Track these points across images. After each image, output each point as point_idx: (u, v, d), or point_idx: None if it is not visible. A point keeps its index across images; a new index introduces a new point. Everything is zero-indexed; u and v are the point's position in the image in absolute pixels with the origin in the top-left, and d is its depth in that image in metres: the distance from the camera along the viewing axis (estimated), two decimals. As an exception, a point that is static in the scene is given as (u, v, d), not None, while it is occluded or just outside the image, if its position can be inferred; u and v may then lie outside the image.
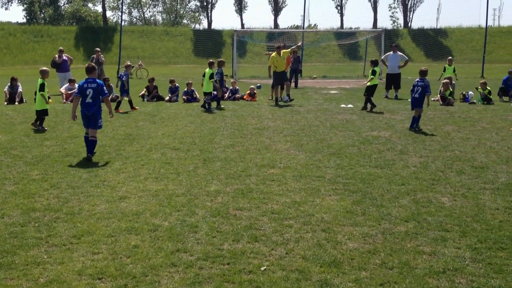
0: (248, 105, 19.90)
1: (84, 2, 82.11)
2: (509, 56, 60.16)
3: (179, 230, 6.64)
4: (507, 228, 6.74)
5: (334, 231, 6.67)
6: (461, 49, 63.16)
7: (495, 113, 17.52)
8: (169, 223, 6.92)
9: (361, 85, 23.86)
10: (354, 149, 11.64)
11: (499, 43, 65.07)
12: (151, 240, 6.34)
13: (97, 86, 10.73)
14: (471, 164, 10.27)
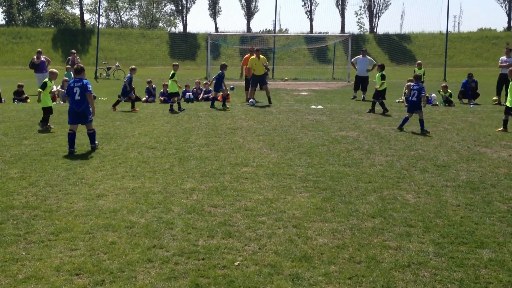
0: (222, 106, 19.82)
1: (62, 5, 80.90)
2: (469, 61, 61.14)
3: (155, 227, 6.57)
4: (468, 224, 6.83)
5: (305, 227, 6.67)
6: (424, 54, 63.88)
7: (455, 115, 17.78)
8: (146, 220, 6.85)
9: (331, 88, 23.95)
10: (323, 149, 11.67)
11: (459, 48, 66.07)
12: (128, 236, 6.25)
13: (82, 85, 11.18)
14: (434, 162, 10.38)
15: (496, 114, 17.78)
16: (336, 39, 46.03)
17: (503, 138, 13.18)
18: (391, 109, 19.41)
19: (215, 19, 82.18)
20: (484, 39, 69.67)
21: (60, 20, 77.52)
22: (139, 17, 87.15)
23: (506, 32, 75.40)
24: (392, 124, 15.37)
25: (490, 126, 15.15)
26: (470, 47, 66.07)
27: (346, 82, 34.78)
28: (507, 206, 7.63)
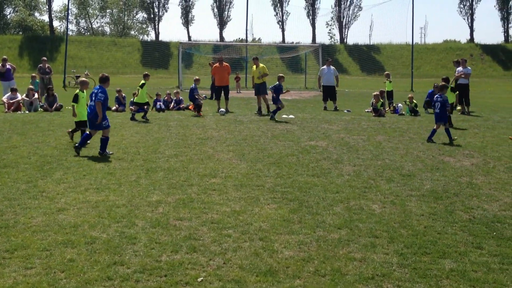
0: (193, 115, 19.66)
1: (31, 11, 79.62)
2: (434, 71, 62.06)
3: (117, 242, 6.35)
4: (431, 234, 6.80)
5: (271, 240, 6.55)
6: (392, 64, 64.67)
7: (421, 124, 17.91)
8: (108, 235, 6.62)
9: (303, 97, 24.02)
10: (293, 159, 11.59)
11: (425, 59, 67.13)
12: (88, 253, 6.02)
13: (96, 92, 11.83)
14: (400, 172, 10.38)
15: (460, 123, 17.96)
16: (307, 49, 46.30)
17: (466, 147, 13.28)
18: (360, 118, 19.51)
19: (187, 28, 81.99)
20: (449, 50, 70.99)
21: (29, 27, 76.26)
22: (110, 25, 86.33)
23: (469, 44, 76.93)
24: (360, 134, 15.39)
25: (454, 135, 15.26)
26: (435, 58, 67.20)
27: (318, 91, 34.85)
28: (469, 215, 7.64)
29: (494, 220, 7.40)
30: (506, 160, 11.71)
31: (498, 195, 8.78)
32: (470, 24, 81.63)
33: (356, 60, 67.60)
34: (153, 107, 21.38)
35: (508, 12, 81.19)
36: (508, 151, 12.80)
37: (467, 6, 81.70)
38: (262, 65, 21.69)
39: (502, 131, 16.33)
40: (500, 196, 8.72)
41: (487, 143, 13.93)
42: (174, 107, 21.95)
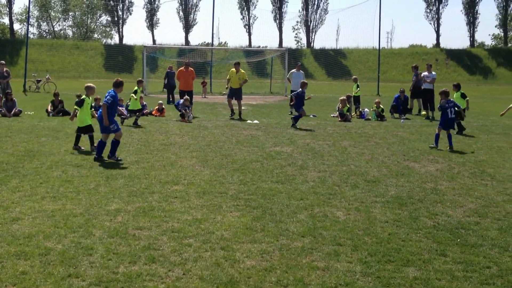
0: (156, 121, 19.44)
1: (-10, 13, 77.90)
2: (401, 76, 62.98)
3: (72, 253, 6.16)
4: (395, 241, 6.80)
5: (233, 249, 6.45)
6: (359, 69, 65.38)
7: (387, 129, 18.08)
8: (63, 245, 6.41)
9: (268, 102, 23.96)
10: (257, 165, 11.53)
11: (392, 64, 68.07)
12: (42, 265, 5.81)
13: (106, 95, 11.95)
14: (365, 178, 10.41)
15: (425, 129, 18.20)
16: (274, 53, 46.43)
17: (431, 152, 13.44)
18: (326, 123, 19.59)
19: (152, 31, 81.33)
20: (415, 55, 72.13)
21: (-13, 29, 74.64)
22: (73, 28, 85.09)
23: (435, 49, 78.37)
24: (326, 139, 15.43)
25: (419, 140, 15.46)
26: (401, 63, 68.18)
27: (283, 96, 34.97)
28: (433, 221, 7.69)
29: (458, 227, 7.46)
30: (471, 165, 11.87)
31: (462, 201, 8.87)
32: (437, 29, 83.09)
33: (322, 65, 68.10)
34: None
35: (474, 17, 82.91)
36: (472, 156, 13.01)
37: (434, 11, 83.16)
38: (243, 71, 21.97)
39: (466, 136, 16.60)
40: (465, 202, 8.81)
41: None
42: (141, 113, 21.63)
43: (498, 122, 20.56)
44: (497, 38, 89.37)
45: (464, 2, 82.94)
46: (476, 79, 66.97)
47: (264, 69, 53.95)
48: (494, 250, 6.55)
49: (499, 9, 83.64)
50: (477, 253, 6.43)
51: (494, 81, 64.78)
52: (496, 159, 12.68)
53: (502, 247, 6.67)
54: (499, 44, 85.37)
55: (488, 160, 12.51)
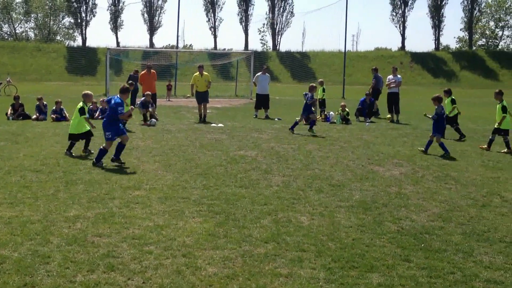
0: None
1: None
2: (366, 79, 63.48)
3: (29, 262, 5.98)
4: (359, 246, 6.81)
5: (195, 256, 6.36)
6: (324, 72, 65.84)
7: (352, 133, 18.20)
8: (19, 254, 6.22)
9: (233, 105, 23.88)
10: (221, 169, 11.45)
11: (357, 67, 68.76)
12: (-5, 275, 5.65)
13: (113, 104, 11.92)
14: (329, 182, 10.43)
15: (389, 132, 18.40)
16: (240, 56, 46.41)
17: (395, 156, 13.57)
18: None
19: (116, 34, 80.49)
20: (380, 58, 73.09)
21: None
22: (35, 30, 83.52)
23: (400, 52, 79.59)
24: (291, 143, 15.45)
25: (384, 144, 15.60)
26: (367, 66, 68.76)
27: (248, 99, 34.97)
28: (397, 226, 7.73)
29: (423, 231, 7.49)
30: (435, 169, 12.01)
31: (426, 205, 8.94)
32: (402, 32, 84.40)
33: (288, 68, 68.42)
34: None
35: (439, 20, 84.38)
36: (436, 159, 13.17)
37: (400, 14, 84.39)
38: (206, 74, 22.06)
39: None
40: (429, 206, 8.88)
41: (416, 151, 14.29)
42: (99, 116, 21.30)
43: (461, 126, 20.87)
44: (462, 41, 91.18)
45: (430, 5, 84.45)
46: (440, 82, 68.15)
47: (230, 72, 53.90)
48: (458, 256, 6.59)
49: (465, 12, 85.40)
50: (441, 259, 6.47)
51: (457, 84, 66.05)
52: (460, 163, 12.87)
53: (466, 252, 6.72)
54: (464, 47, 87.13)
55: (452, 164, 12.68)
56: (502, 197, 9.56)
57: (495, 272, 6.11)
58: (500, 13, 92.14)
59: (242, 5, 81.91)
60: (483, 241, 7.16)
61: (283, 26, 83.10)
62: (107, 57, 36.50)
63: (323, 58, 71.99)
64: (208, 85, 21.71)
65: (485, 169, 12.18)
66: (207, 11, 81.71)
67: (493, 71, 72.66)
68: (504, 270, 6.17)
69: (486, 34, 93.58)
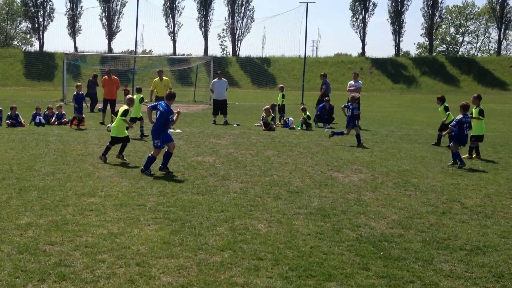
0: (75, 130, 18.79)
1: None
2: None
3: (-25, 273, 5.80)
4: (317, 254, 6.79)
5: (149, 264, 6.26)
6: (284, 77, 66.18)
7: (311, 139, 18.30)
8: (-35, 265, 6.03)
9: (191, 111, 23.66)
10: (178, 175, 11.34)
11: (317, 72, 69.03)
12: None
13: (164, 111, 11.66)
14: (288, 188, 10.43)
15: (348, 138, 18.53)
16: (199, 61, 46.23)
17: (354, 162, 13.68)
18: (250, 132, 19.64)
19: (74, 38, 79.07)
20: (340, 63, 73.97)
21: None
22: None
23: (360, 57, 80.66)
24: (249, 149, 15.43)
25: (343, 150, 15.73)
26: (327, 71, 69.30)
27: (207, 105, 34.83)
28: (356, 233, 7.74)
29: (382, 239, 7.47)
30: (394, 175, 12.10)
31: (385, 212, 8.96)
32: (362, 38, 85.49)
33: (248, 73, 68.52)
34: (31, 121, 20.33)
35: (400, 26, 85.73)
36: (396, 165, 13.28)
37: (360, 19, 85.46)
38: (166, 78, 22.22)
39: (390, 145, 17.04)
40: (388, 213, 8.89)
41: (375, 157, 14.42)
42: (55, 122, 20.89)
43: (421, 132, 21.30)
44: (422, 47, 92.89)
45: (390, 11, 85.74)
46: (400, 88, 69.36)
47: (189, 77, 53.61)
48: (417, 264, 6.56)
49: (425, 18, 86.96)
50: (401, 267, 6.43)
51: (417, 90, 67.32)
52: (420, 169, 12.99)
53: (426, 260, 6.69)
54: (424, 53, 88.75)
55: (411, 170, 12.78)
56: (462, 204, 9.62)
57: (455, 281, 6.08)
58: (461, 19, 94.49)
59: (202, 10, 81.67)
60: (443, 249, 7.13)
61: (243, 31, 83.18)
62: (64, 62, 35.82)
63: (283, 64, 72.37)
64: (169, 89, 21.47)
65: (444, 175, 12.31)
66: (166, 16, 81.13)
67: (454, 77, 74.19)
68: (465, 278, 6.14)
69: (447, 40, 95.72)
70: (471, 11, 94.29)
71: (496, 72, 74.62)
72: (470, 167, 13.44)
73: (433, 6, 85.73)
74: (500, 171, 13.01)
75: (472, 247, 7.24)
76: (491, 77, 73.16)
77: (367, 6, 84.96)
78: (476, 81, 72.11)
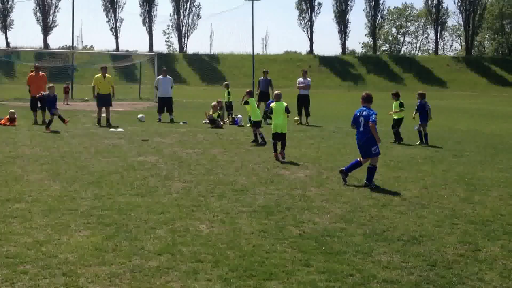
0: (4, 131, 17.99)
1: None
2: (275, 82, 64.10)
3: None
4: (259, 253, 6.56)
5: (77, 274, 5.86)
6: (234, 74, 66.16)
7: (259, 135, 18.09)
8: None
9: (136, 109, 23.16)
10: (116, 177, 10.91)
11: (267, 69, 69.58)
12: None
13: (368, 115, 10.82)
14: (233, 187, 10.18)
15: (296, 134, 18.47)
16: (143, 57, 45.53)
17: (301, 158, 13.56)
18: (196, 130, 19.33)
19: (6, 33, 76.78)
20: (289, 61, 74.55)
21: None
22: None
23: (309, 55, 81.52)
24: (195, 147, 15.12)
25: (290, 146, 15.53)
26: (276, 69, 69.90)
27: (153, 102, 34.30)
28: (300, 230, 7.58)
29: (324, 234, 7.40)
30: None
31: (329, 207, 8.89)
32: (310, 36, 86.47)
33: (196, 70, 68.06)
34: None
35: (345, 25, 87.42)
36: (341, 161, 13.23)
37: (307, 18, 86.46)
38: (109, 75, 21.59)
39: (336, 141, 17.06)
40: (332, 208, 8.84)
41: (321, 153, 14.38)
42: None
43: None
44: (367, 46, 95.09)
45: (336, 10, 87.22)
46: (348, 85, 70.51)
47: (133, 74, 52.79)
48: (357, 257, 6.53)
49: (368, 18, 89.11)
50: (341, 261, 6.37)
51: (364, 87, 68.36)
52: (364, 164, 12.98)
53: (366, 253, 6.69)
54: (369, 52, 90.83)
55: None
56: (402, 196, 9.76)
57: (392, 271, 6.10)
58: (401, 20, 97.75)
59: (145, 6, 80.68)
60: (382, 241, 7.19)
61: (189, 28, 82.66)
62: (-6, 59, 34.65)
63: (232, 61, 72.30)
64: (112, 90, 21.34)
65: (386, 168, 12.39)
66: (106, 11, 79.73)
67: (397, 75, 76.27)
68: (401, 269, 6.18)
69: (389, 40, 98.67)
70: (410, 12, 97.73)
71: (434, 70, 77.45)
72: (410, 160, 13.70)
73: (375, 7, 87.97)
74: (437, 164, 13.38)
75: (409, 238, 7.34)
76: (430, 75, 75.82)
77: (313, 5, 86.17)
78: (417, 79, 74.45)
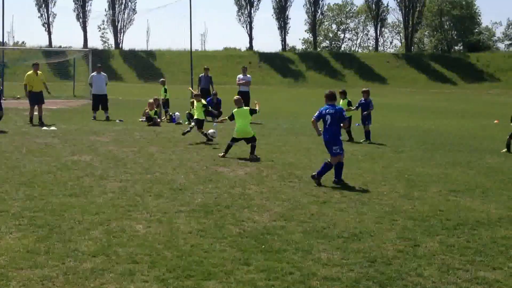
0: None
1: None
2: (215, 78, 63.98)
3: None
4: (197, 253, 6.55)
5: (7, 278, 5.69)
6: (172, 71, 65.64)
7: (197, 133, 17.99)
8: None
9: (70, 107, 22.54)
10: (49, 177, 10.63)
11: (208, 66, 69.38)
12: None
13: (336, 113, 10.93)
14: (170, 186, 10.11)
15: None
16: (77, 53, 44.54)
17: (241, 156, 13.59)
18: (133, 128, 19.08)
19: None
20: (229, 57, 74.50)
21: None
22: None
23: (249, 51, 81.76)
24: (131, 145, 14.92)
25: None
26: (216, 65, 69.72)
27: (88, 100, 33.57)
28: (239, 228, 7.60)
29: (264, 232, 7.43)
30: (279, 168, 12.17)
31: (269, 205, 8.93)
32: (249, 32, 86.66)
33: (132, 67, 67.12)
34: None
35: (285, 21, 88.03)
36: (281, 158, 13.38)
37: (246, 14, 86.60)
38: (40, 72, 21.03)
39: (276, 138, 17.20)
40: (271, 205, 8.88)
41: (261, 150, 14.41)
42: None
43: (307, 124, 21.65)
44: (307, 42, 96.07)
45: (275, 6, 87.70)
46: (288, 82, 71.10)
47: (67, 71, 51.48)
48: (297, 255, 6.59)
49: (308, 14, 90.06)
50: (281, 259, 6.41)
51: (304, 84, 69.37)
52: (304, 161, 13.18)
53: (306, 250, 6.76)
54: (310, 48, 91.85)
55: (296, 162, 12.93)
56: (342, 193, 9.90)
57: (332, 268, 6.16)
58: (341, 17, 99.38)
59: (79, 0, 78.86)
60: (322, 238, 7.25)
61: (125, 23, 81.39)
62: None
63: (170, 57, 71.68)
64: (46, 86, 20.96)
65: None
66: (39, 6, 77.52)
67: (338, 71, 77.35)
68: (341, 266, 6.25)
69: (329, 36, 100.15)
70: (350, 9, 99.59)
71: (374, 67, 79.07)
72: (350, 157, 13.82)
73: (315, 3, 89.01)
74: (377, 160, 13.66)
75: (349, 234, 7.43)
76: (370, 72, 77.42)
77: (252, 0, 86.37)
78: (358, 75, 75.85)
